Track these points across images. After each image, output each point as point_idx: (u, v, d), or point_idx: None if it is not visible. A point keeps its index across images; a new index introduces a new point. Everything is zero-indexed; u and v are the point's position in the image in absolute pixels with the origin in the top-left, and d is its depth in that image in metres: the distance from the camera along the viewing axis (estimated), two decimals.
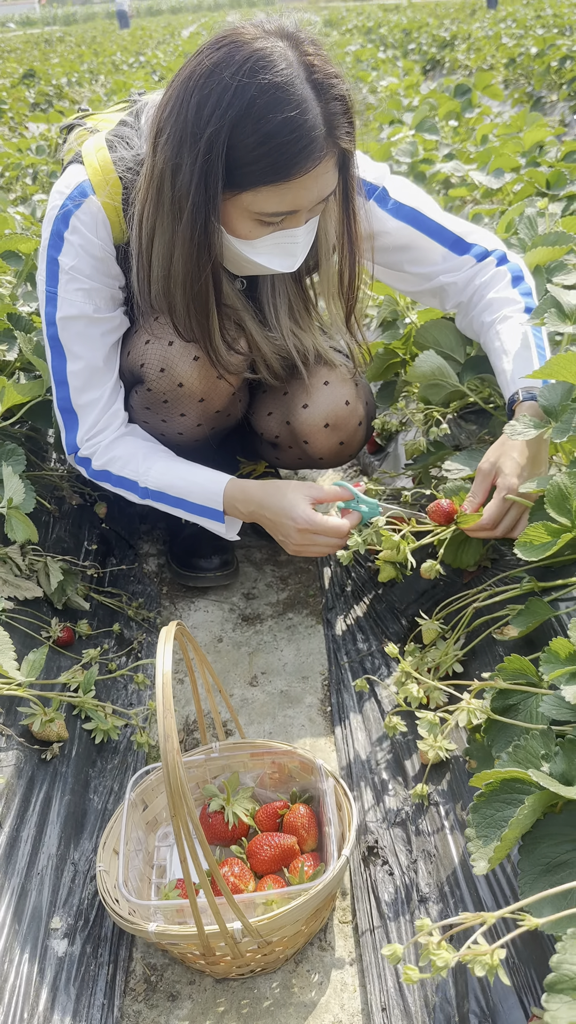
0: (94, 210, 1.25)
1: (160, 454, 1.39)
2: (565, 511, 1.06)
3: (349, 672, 1.38)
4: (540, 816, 0.84)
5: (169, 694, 0.84)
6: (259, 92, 1.03)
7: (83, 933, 1.02)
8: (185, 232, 1.15)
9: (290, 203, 1.11)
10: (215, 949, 0.94)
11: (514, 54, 6.22)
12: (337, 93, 1.08)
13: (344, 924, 1.05)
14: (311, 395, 1.44)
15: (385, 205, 1.35)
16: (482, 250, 1.36)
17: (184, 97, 1.08)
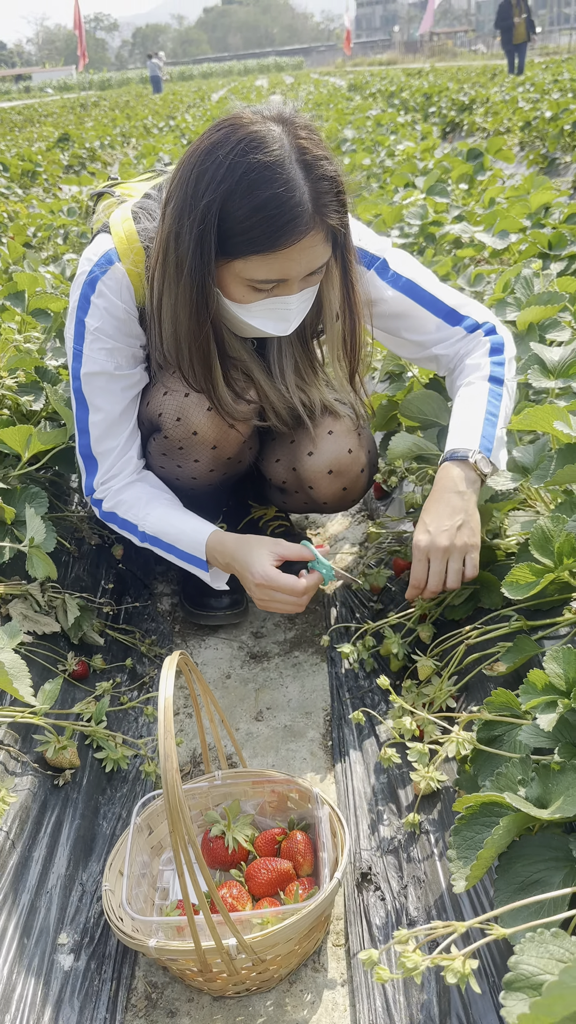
0: (119, 276, 1.35)
1: (160, 501, 1.47)
2: (548, 553, 1.13)
3: (350, 708, 1.44)
4: (516, 837, 0.89)
5: (170, 717, 0.91)
6: (249, 169, 1.14)
7: (88, 950, 1.08)
8: (185, 293, 1.26)
9: (278, 272, 1.21)
10: (212, 965, 0.99)
11: (530, 117, 6.43)
12: (326, 173, 1.18)
13: (337, 947, 1.10)
14: (316, 444, 1.53)
15: (384, 275, 1.44)
16: (473, 322, 1.44)
17: (187, 171, 1.20)
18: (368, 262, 1.44)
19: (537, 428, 1.09)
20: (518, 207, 2.67)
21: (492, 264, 2.40)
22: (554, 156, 5.51)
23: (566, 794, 0.86)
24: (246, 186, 1.14)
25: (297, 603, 1.34)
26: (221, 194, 1.16)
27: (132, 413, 1.48)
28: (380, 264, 1.44)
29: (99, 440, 1.45)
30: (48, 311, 1.93)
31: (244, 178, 1.14)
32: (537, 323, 1.56)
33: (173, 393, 1.42)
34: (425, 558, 1.25)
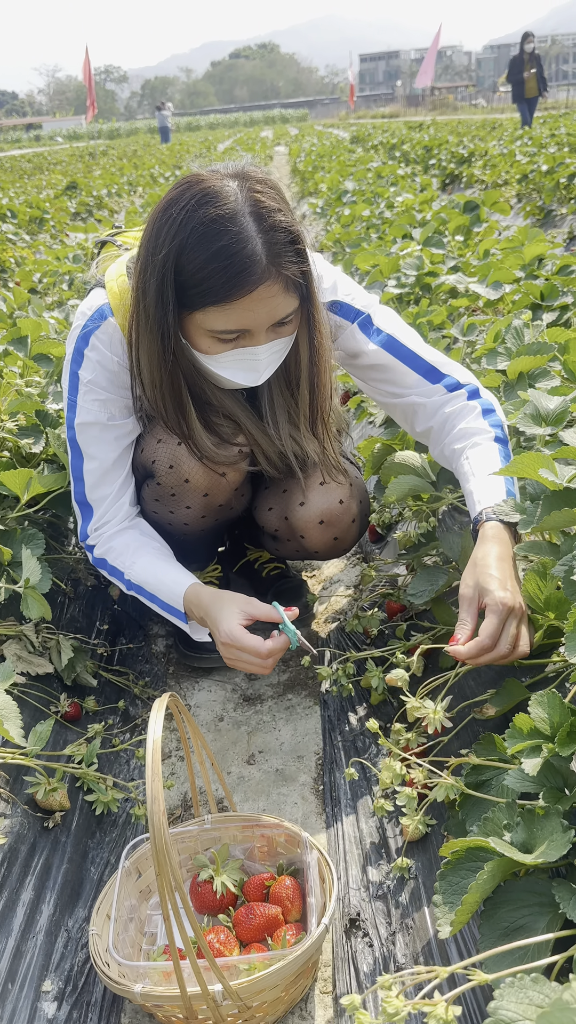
0: (111, 330, 1.38)
1: (148, 550, 1.47)
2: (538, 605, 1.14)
3: (342, 751, 1.44)
4: (501, 882, 0.90)
5: (158, 759, 0.92)
6: (200, 223, 1.18)
7: (71, 998, 1.07)
8: (154, 345, 1.29)
9: (236, 322, 1.23)
10: (197, 1012, 0.98)
11: (527, 170, 6.59)
12: (280, 224, 1.20)
13: (325, 994, 1.09)
14: (307, 494, 1.55)
15: (367, 330, 1.46)
16: (454, 382, 1.44)
17: (149, 228, 1.24)
18: (352, 316, 1.47)
19: (523, 475, 1.12)
20: (512, 258, 2.73)
21: (486, 314, 2.46)
22: (550, 208, 5.63)
23: (550, 839, 0.86)
24: (197, 238, 1.18)
25: (262, 664, 1.30)
26: (175, 247, 1.20)
27: (126, 461, 1.51)
28: (364, 319, 1.47)
29: (93, 487, 1.47)
30: (50, 356, 1.98)
31: (195, 231, 1.18)
32: (527, 372, 1.60)
33: (166, 442, 1.45)
34: (504, 619, 1.09)
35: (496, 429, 1.36)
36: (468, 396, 1.42)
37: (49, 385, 1.89)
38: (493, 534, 1.19)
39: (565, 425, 1.29)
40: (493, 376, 1.65)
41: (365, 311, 1.47)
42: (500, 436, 1.35)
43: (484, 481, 1.27)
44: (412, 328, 1.50)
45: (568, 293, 2.29)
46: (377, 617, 1.61)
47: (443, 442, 1.42)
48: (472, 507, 1.27)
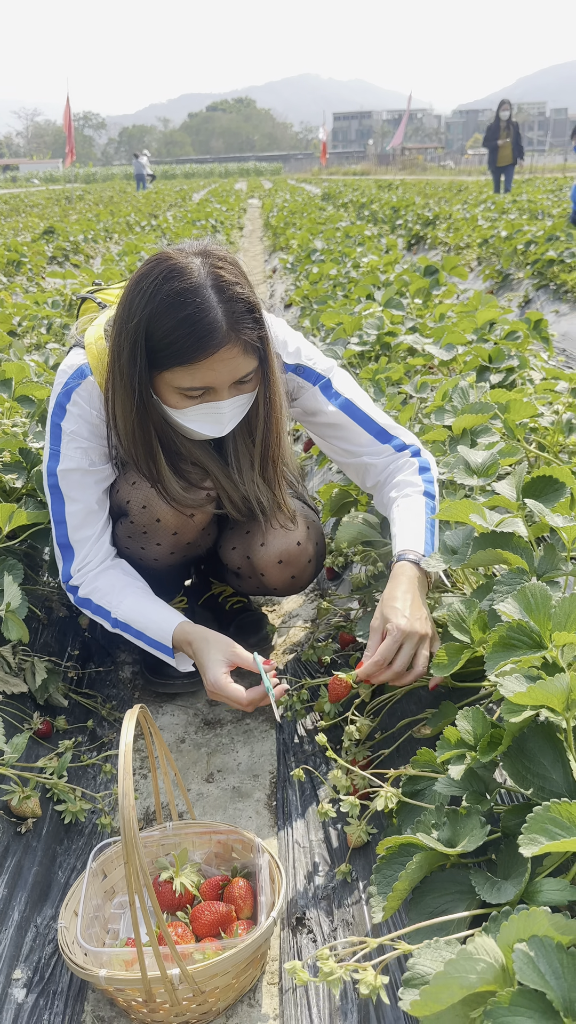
0: (90, 387, 1.53)
1: (132, 589, 1.59)
2: (464, 631, 1.29)
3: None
4: (428, 873, 1.02)
5: (129, 758, 1.04)
6: (167, 295, 1.34)
7: (38, 987, 1.16)
8: (128, 401, 1.45)
9: (201, 380, 1.39)
10: (156, 996, 1.08)
11: (488, 235, 6.94)
12: (238, 296, 1.36)
13: (271, 985, 1.20)
14: (267, 536, 1.68)
15: (327, 392, 1.64)
16: (400, 443, 1.63)
17: (124, 299, 1.41)
18: (314, 380, 1.64)
19: (457, 519, 1.27)
20: (466, 322, 2.94)
21: (441, 372, 2.65)
22: (508, 272, 5.95)
23: (471, 835, 1.00)
24: (165, 308, 1.34)
25: (244, 708, 1.45)
26: (146, 316, 1.36)
27: (105, 505, 1.63)
28: (324, 383, 1.64)
29: (76, 529, 1.59)
30: (32, 398, 2.11)
31: (163, 302, 1.34)
32: (470, 429, 1.77)
33: (139, 484, 1.58)
34: (400, 641, 1.31)
35: (427, 484, 1.55)
36: (411, 455, 1.61)
37: (30, 425, 2.01)
38: (401, 571, 1.41)
39: (496, 477, 1.46)
40: (440, 430, 1.82)
41: (326, 375, 1.64)
42: (429, 491, 1.55)
43: (405, 527, 1.48)
44: (365, 392, 1.68)
45: (514, 356, 2.49)
46: (331, 648, 1.74)
47: (382, 491, 1.62)
48: (393, 549, 1.48)
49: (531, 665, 0.99)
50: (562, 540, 1.24)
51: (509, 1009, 0.74)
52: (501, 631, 1.03)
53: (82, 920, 1.17)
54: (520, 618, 1.02)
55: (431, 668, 1.29)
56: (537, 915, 0.78)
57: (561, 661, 1.00)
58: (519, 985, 0.76)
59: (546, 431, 1.96)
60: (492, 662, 1.03)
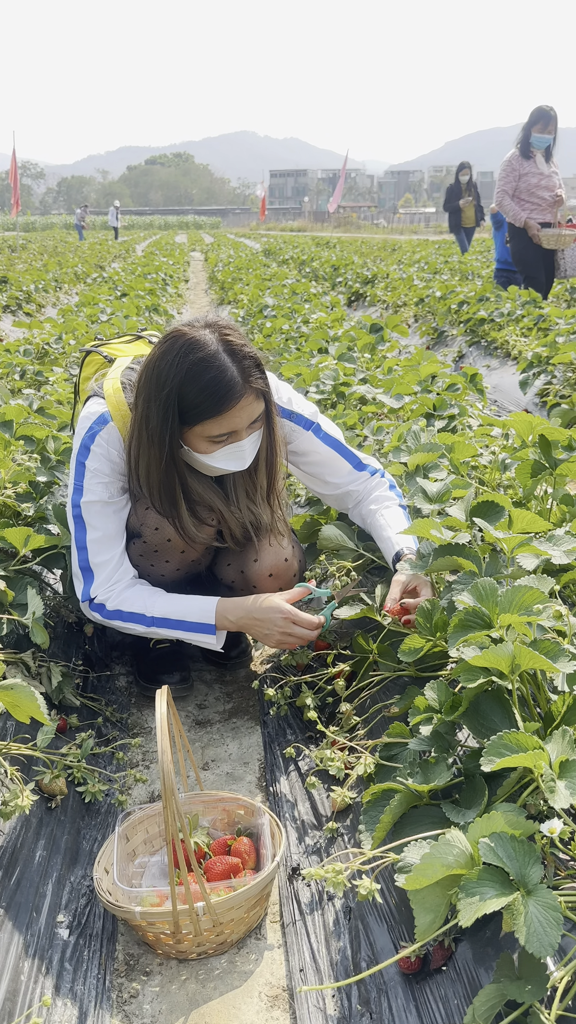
0: (111, 431, 1.80)
1: (161, 593, 1.86)
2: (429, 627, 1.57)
3: (280, 757, 1.81)
4: (406, 810, 1.29)
5: (165, 724, 1.28)
6: (192, 364, 1.63)
7: (77, 930, 1.38)
8: (156, 457, 1.73)
9: (227, 427, 1.68)
10: (182, 927, 1.31)
11: (423, 294, 7.45)
12: (247, 354, 1.66)
13: (274, 923, 1.43)
14: (260, 553, 1.96)
15: (318, 435, 1.98)
16: (373, 469, 2.01)
17: (149, 373, 1.69)
18: (305, 425, 1.97)
19: (420, 534, 1.57)
20: (410, 375, 3.30)
21: (390, 419, 2.98)
22: (443, 329, 6.42)
23: (439, 776, 1.27)
24: (192, 375, 1.64)
25: (311, 635, 1.79)
26: (176, 385, 1.65)
27: (122, 532, 1.88)
28: (315, 427, 1.98)
29: (96, 554, 1.83)
30: (33, 437, 2.35)
31: (190, 371, 1.63)
32: (422, 465, 2.08)
33: (153, 510, 1.84)
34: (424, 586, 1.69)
35: (399, 498, 1.93)
36: (380, 476, 1.98)
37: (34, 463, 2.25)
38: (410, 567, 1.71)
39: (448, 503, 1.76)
40: (397, 466, 2.13)
41: (314, 420, 1.97)
42: (403, 505, 1.92)
43: (397, 532, 1.83)
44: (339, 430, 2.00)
45: (455, 406, 2.84)
46: (307, 654, 2.00)
47: (360, 506, 1.97)
48: (390, 548, 1.83)
49: (483, 639, 1.28)
50: (502, 550, 1.54)
51: (477, 883, 1.01)
52: (460, 615, 1.31)
53: (117, 862, 1.40)
54: (474, 605, 1.31)
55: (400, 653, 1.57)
56: (495, 816, 1.06)
57: (506, 637, 1.29)
58: (483, 866, 1.03)
59: (485, 468, 2.29)
60: (454, 639, 1.31)
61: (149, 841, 1.55)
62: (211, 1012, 1.27)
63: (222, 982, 1.32)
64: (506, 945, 1.11)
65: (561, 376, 4.12)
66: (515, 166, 6.44)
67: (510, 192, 6.51)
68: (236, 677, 2.19)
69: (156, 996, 1.30)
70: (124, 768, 1.78)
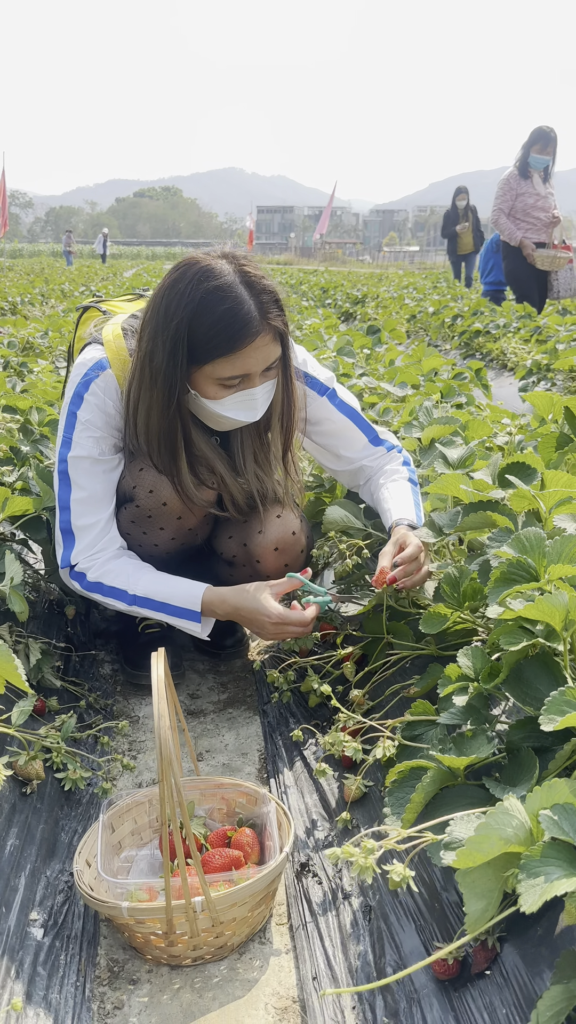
0: (109, 379, 1.63)
1: (148, 569, 1.67)
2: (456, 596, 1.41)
3: (283, 748, 1.63)
4: (438, 790, 1.12)
5: (163, 686, 1.11)
6: (206, 293, 1.47)
7: (53, 931, 1.19)
8: (158, 398, 1.55)
9: (240, 368, 1.51)
10: (176, 926, 1.13)
11: (415, 312, 7.39)
12: (266, 288, 1.51)
13: (280, 926, 1.25)
14: (265, 524, 1.78)
15: (333, 401, 1.82)
16: (389, 444, 1.86)
17: (157, 303, 1.53)
18: (320, 390, 1.80)
19: (447, 491, 1.42)
20: (412, 370, 3.17)
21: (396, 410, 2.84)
22: (436, 344, 6.34)
23: (478, 750, 1.10)
24: (206, 305, 1.47)
25: (306, 631, 1.59)
26: (188, 315, 1.48)
27: (111, 496, 1.70)
28: (330, 393, 1.81)
29: (79, 516, 1.65)
30: (15, 407, 2.18)
31: (204, 300, 1.47)
32: (437, 439, 1.94)
33: (148, 470, 1.67)
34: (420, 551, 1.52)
35: (411, 473, 1.78)
36: (397, 452, 1.82)
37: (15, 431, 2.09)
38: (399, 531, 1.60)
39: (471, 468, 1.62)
40: (410, 442, 1.98)
41: (330, 386, 1.81)
42: (413, 479, 1.76)
43: (397, 502, 1.69)
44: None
45: (462, 395, 2.71)
46: (313, 638, 1.83)
47: (370, 481, 1.80)
48: (387, 520, 1.68)
49: (531, 591, 1.12)
50: (538, 511, 1.39)
51: (541, 861, 0.84)
52: (502, 567, 1.16)
53: (102, 859, 1.21)
54: (519, 556, 1.15)
55: (422, 624, 1.41)
56: (559, 785, 0.89)
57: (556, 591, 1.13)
58: (547, 842, 0.86)
59: (501, 449, 2.14)
60: (494, 594, 1.15)
61: (137, 832, 1.37)
62: None
63: (222, 991, 1.13)
64: (563, 944, 0.94)
65: (562, 383, 4.02)
66: (512, 185, 6.42)
67: (506, 211, 6.48)
68: (231, 667, 2.01)
69: (144, 1007, 1.11)
70: (109, 754, 1.59)
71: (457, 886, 1.09)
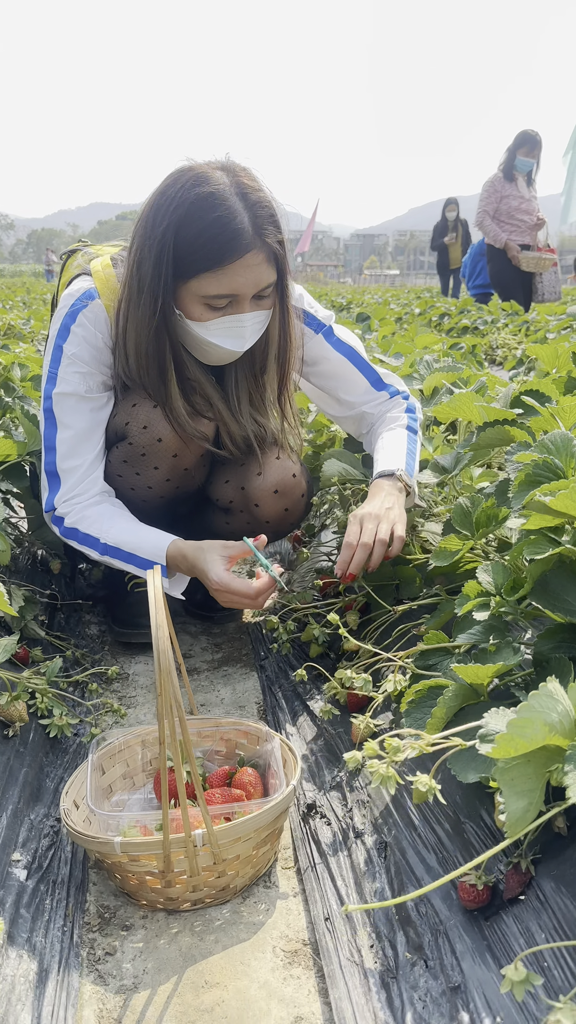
0: (98, 310, 1.53)
1: (122, 517, 1.57)
2: (468, 525, 1.33)
3: (283, 699, 1.53)
4: (460, 707, 1.02)
5: (160, 590, 1.01)
6: (196, 199, 1.37)
7: (37, 874, 1.08)
8: (145, 311, 1.45)
9: (227, 287, 1.40)
10: (174, 864, 1.02)
11: (401, 314, 7.37)
12: (263, 202, 1.40)
13: (287, 869, 1.14)
14: (264, 466, 1.68)
15: (330, 339, 1.70)
16: (395, 390, 1.73)
17: (147, 210, 1.43)
18: (316, 327, 1.69)
19: (460, 413, 1.33)
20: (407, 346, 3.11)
21: None
22: None
23: (504, 659, 1.01)
24: (194, 212, 1.37)
25: (254, 603, 1.44)
26: (175, 221, 1.38)
27: (98, 436, 1.60)
28: (327, 330, 1.70)
29: (65, 457, 1.55)
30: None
31: (193, 206, 1.37)
32: (439, 387, 1.86)
33: (141, 404, 1.57)
34: (359, 524, 1.41)
35: (411, 421, 1.66)
36: (402, 399, 1.73)
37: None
38: (376, 487, 1.53)
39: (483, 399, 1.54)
40: (413, 392, 1.90)
41: (327, 323, 1.70)
42: (412, 427, 1.65)
43: (386, 453, 1.58)
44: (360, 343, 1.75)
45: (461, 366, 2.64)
46: (311, 594, 1.74)
47: (372, 430, 1.70)
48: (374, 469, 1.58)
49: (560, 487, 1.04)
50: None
51: None
52: (526, 470, 1.07)
53: (92, 796, 1.10)
54: (544, 457, 1.07)
55: (433, 558, 1.32)
56: None
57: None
58: None
59: None
60: (518, 499, 1.07)
61: (129, 776, 1.26)
62: (212, 969, 0.97)
63: (225, 934, 1.03)
64: None
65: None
66: (497, 187, 6.44)
67: (491, 212, 6.50)
68: (225, 630, 1.91)
69: (139, 953, 1.00)
70: (97, 699, 1.48)
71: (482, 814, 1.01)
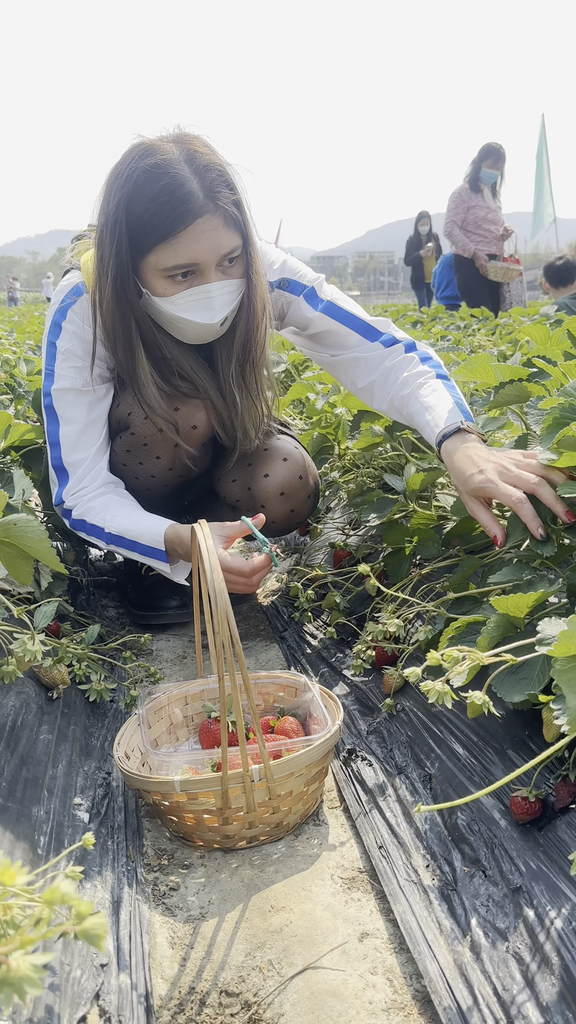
0: (85, 304, 1.54)
1: (126, 506, 1.58)
2: None
3: (307, 663, 1.58)
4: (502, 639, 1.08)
5: (210, 538, 1.06)
6: (143, 171, 1.37)
7: (97, 819, 1.11)
8: (109, 290, 1.44)
9: (184, 256, 1.39)
10: (232, 800, 1.06)
11: None
12: (212, 165, 1.39)
13: (333, 809, 1.19)
14: (271, 468, 1.69)
15: (312, 300, 1.65)
16: (391, 338, 1.60)
17: (101, 190, 1.44)
18: (299, 291, 1.65)
19: (477, 375, 1.40)
20: None
21: None
22: None
23: (544, 588, 1.07)
24: (142, 184, 1.36)
25: (248, 583, 1.41)
26: (124, 196, 1.38)
27: (101, 427, 1.62)
28: (309, 291, 1.65)
29: (69, 451, 1.58)
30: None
31: (140, 178, 1.37)
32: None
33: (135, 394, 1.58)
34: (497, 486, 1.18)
35: (436, 368, 1.52)
36: (405, 350, 1.58)
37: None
38: (454, 447, 1.32)
39: None
40: None
41: (310, 285, 1.66)
42: (441, 373, 1.52)
43: (437, 410, 1.40)
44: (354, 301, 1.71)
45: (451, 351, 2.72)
46: (326, 569, 1.79)
47: (389, 394, 1.58)
48: (431, 435, 1.39)
49: None
50: None
51: None
52: (553, 414, 1.14)
53: (146, 742, 1.14)
54: (570, 399, 1.14)
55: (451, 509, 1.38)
56: None
57: None
58: None
59: None
60: (547, 440, 1.14)
61: (173, 731, 1.30)
62: (276, 895, 1.01)
63: (284, 865, 1.07)
64: None
65: None
66: (464, 198, 6.61)
67: (459, 223, 6.67)
68: (239, 610, 1.95)
69: (202, 887, 1.04)
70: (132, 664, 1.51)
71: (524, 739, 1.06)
